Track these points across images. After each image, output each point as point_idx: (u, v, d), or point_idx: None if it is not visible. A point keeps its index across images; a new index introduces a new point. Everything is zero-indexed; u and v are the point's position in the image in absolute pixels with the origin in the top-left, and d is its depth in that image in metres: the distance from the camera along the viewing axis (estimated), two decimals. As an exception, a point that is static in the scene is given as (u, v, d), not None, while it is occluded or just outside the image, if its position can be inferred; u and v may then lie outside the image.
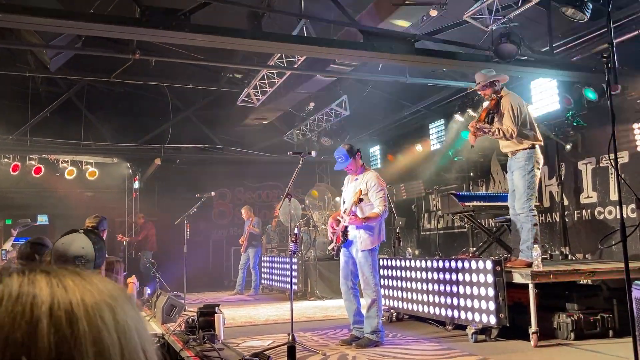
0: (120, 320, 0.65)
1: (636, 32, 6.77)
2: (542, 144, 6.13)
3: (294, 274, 10.14)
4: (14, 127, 11.44)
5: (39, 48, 7.50)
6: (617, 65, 3.77)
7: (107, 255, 4.77)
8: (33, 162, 12.06)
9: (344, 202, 6.04)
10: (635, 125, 7.58)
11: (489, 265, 5.59)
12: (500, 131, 5.88)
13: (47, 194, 13.11)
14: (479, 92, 6.43)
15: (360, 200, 5.65)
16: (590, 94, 7.73)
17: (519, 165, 6.00)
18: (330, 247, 6.17)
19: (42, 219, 12.80)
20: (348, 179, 6.10)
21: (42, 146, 12.04)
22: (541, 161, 6.10)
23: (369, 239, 5.70)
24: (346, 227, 5.83)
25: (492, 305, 5.49)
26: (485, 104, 6.33)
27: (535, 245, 5.73)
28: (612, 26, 3.94)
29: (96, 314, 0.63)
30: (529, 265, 5.75)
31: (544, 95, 8.56)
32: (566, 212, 8.90)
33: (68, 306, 0.62)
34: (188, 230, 9.67)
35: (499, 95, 6.05)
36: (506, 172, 10.08)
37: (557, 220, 9.04)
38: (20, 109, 11.49)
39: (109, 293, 0.67)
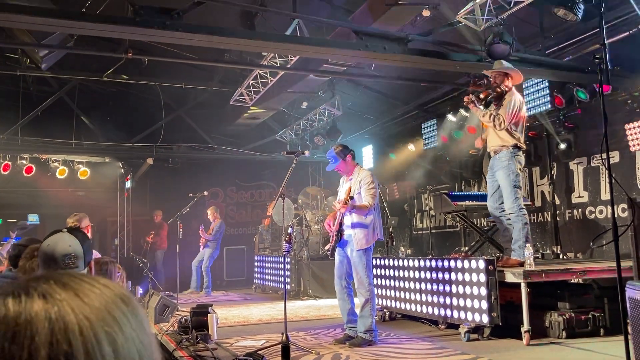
0: (121, 348, 0.64)
1: (627, 33, 6.82)
2: (524, 148, 6.20)
3: (287, 273, 10.13)
4: (4, 126, 11.37)
5: (31, 47, 7.46)
6: (609, 66, 3.79)
7: (100, 256, 4.76)
8: (24, 162, 11.97)
9: (339, 201, 6.06)
10: (627, 126, 7.64)
11: (481, 264, 5.63)
12: (492, 116, 5.99)
13: (38, 194, 13.04)
14: (489, 76, 6.43)
15: (351, 197, 5.67)
16: (581, 94, 7.78)
17: (503, 165, 6.05)
18: (325, 247, 6.19)
19: (33, 218, 12.75)
20: (343, 179, 6.14)
21: (33, 145, 11.97)
22: (522, 164, 6.16)
23: (364, 238, 5.72)
24: (341, 226, 5.84)
25: (484, 305, 5.53)
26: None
27: (528, 245, 5.78)
28: (604, 27, 3.97)
29: (95, 348, 0.61)
30: (522, 264, 5.80)
31: (536, 95, 8.60)
32: (557, 212, 8.96)
33: (67, 349, 0.60)
34: (180, 230, 9.64)
35: (505, 88, 6.12)
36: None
37: (549, 219, 9.10)
38: (11, 108, 11.41)
39: (109, 313, 0.65)
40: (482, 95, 6.12)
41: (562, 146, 8.53)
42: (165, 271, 12.43)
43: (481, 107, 6.13)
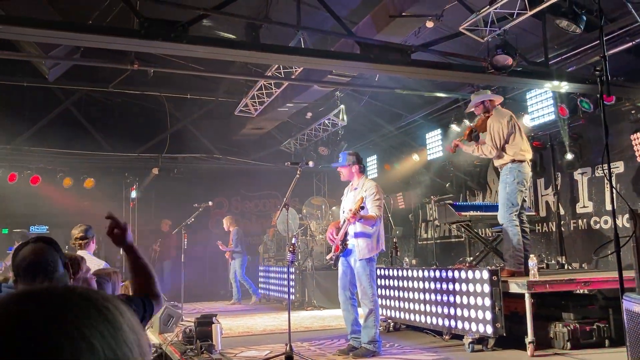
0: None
1: (630, 44, 6.84)
2: (526, 158, 6.40)
3: (292, 283, 10.13)
4: (11, 136, 11.45)
5: (38, 59, 7.54)
6: (609, 78, 3.81)
7: (105, 266, 4.78)
8: (30, 172, 12.06)
9: (344, 211, 6.07)
10: (632, 136, 7.63)
11: (485, 275, 5.62)
12: (480, 149, 6.46)
13: (44, 204, 13.09)
14: (475, 113, 6.97)
15: (362, 207, 5.69)
16: (585, 105, 7.79)
17: (503, 178, 6.40)
18: (328, 257, 6.20)
19: (41, 229, 12.84)
20: (348, 189, 6.17)
21: (39, 156, 12.05)
22: (525, 174, 6.36)
23: (367, 247, 5.73)
24: (345, 236, 5.85)
25: (488, 315, 5.51)
26: (470, 123, 6.85)
27: (532, 255, 5.78)
28: (604, 39, 3.99)
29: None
30: (512, 274, 5.97)
31: (540, 105, 8.63)
32: (562, 222, 8.94)
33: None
34: (185, 240, 9.67)
35: (486, 115, 6.54)
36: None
37: (554, 229, 9.08)
38: (18, 119, 11.50)
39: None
40: (466, 133, 6.65)
41: (569, 156, 8.51)
42: (171, 280, 12.45)
43: (470, 143, 6.58)
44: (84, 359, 0.64)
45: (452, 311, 6.11)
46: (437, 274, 6.45)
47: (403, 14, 6.70)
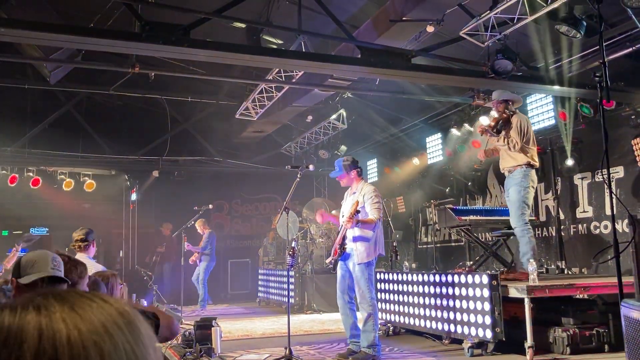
0: (107, 356, 0.65)
1: (630, 49, 6.85)
2: (537, 165, 6.57)
3: (291, 287, 10.13)
4: (12, 138, 11.48)
5: (39, 62, 7.55)
6: (609, 84, 3.82)
7: (103, 269, 4.78)
8: (31, 174, 12.07)
9: (343, 215, 6.08)
10: (633, 141, 7.63)
11: (485, 279, 5.63)
12: (506, 140, 6.38)
13: (44, 206, 13.10)
14: (492, 107, 7.00)
15: (357, 212, 5.70)
16: (585, 110, 7.80)
17: (516, 181, 6.37)
18: (327, 260, 6.20)
19: (41, 230, 12.84)
20: (347, 193, 6.18)
21: (40, 158, 12.07)
22: (535, 181, 6.55)
23: (366, 252, 5.73)
24: (343, 240, 5.86)
25: (488, 320, 5.52)
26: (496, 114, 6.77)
27: (531, 260, 5.78)
28: (604, 45, 4.00)
29: (80, 355, 0.63)
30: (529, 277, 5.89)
31: (540, 110, 8.64)
32: (562, 227, 8.93)
33: (53, 353, 0.62)
34: (185, 242, 9.66)
35: (511, 112, 6.57)
36: (503, 187, 10.15)
37: (554, 234, 9.07)
38: (19, 121, 11.53)
39: (102, 328, 0.67)
40: (492, 124, 6.53)
41: (569, 161, 8.50)
42: (171, 283, 12.45)
43: (493, 132, 6.48)
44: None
45: (451, 315, 6.11)
46: (437, 278, 6.45)
47: (404, 18, 6.72)
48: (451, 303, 6.12)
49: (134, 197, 13.46)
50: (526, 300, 5.34)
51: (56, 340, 0.63)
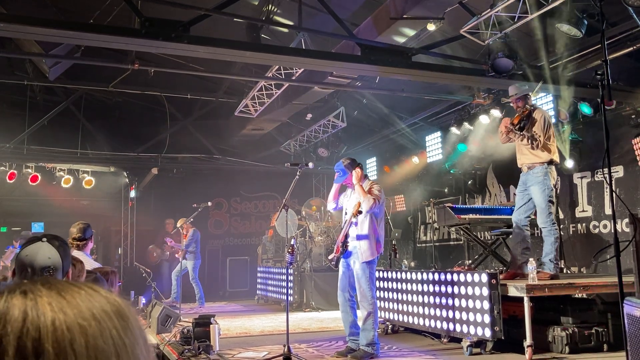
0: (93, 345, 0.64)
1: (631, 49, 6.84)
2: (558, 162, 6.40)
3: (290, 285, 10.12)
4: (11, 135, 11.45)
5: (38, 57, 7.53)
6: (610, 82, 3.81)
7: (101, 265, 4.76)
8: (30, 170, 12.04)
9: (346, 212, 6.05)
10: (633, 141, 7.63)
11: (484, 278, 5.62)
12: (529, 138, 6.19)
13: (43, 202, 13.09)
14: (511, 104, 6.73)
15: (359, 212, 5.68)
16: (586, 109, 7.79)
17: (538, 180, 6.19)
18: (329, 257, 6.19)
19: (38, 227, 12.81)
20: (350, 191, 6.11)
21: (39, 154, 12.04)
22: (556, 178, 6.38)
23: (369, 250, 5.71)
24: (346, 238, 5.84)
25: (487, 318, 5.51)
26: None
27: (531, 259, 5.77)
28: (605, 44, 3.99)
29: (65, 341, 0.63)
30: (553, 277, 5.91)
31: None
32: (561, 226, 8.93)
33: (36, 334, 0.63)
34: (185, 240, 9.64)
35: (531, 107, 6.39)
36: (502, 185, 10.15)
37: (553, 233, 9.06)
38: (18, 117, 11.51)
39: (89, 313, 0.66)
40: (515, 121, 6.31)
41: (569, 161, 8.49)
42: (169, 281, 12.42)
43: (517, 131, 6.29)
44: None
45: (450, 314, 6.10)
46: (436, 276, 6.44)
47: (404, 16, 6.70)
48: (450, 302, 6.11)
49: (132, 194, 13.45)
50: (525, 299, 5.33)
51: (40, 322, 0.64)
